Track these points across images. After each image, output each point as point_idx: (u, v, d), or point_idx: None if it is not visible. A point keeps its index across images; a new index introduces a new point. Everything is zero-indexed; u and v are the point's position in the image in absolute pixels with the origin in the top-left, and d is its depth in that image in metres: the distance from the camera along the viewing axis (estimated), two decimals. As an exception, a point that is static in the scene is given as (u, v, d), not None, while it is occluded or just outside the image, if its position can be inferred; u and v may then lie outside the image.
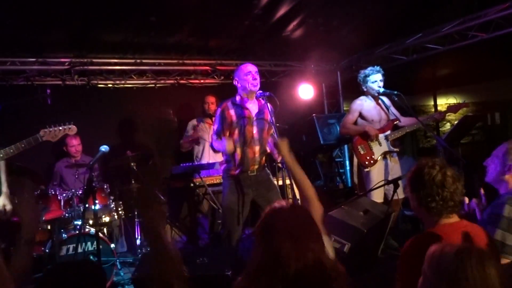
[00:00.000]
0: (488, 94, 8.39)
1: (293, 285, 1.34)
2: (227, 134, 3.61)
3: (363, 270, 3.17)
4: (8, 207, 3.52)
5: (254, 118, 3.62)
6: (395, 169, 4.40)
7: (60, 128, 3.42)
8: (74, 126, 3.49)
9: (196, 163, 5.31)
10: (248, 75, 3.54)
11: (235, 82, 3.67)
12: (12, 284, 1.34)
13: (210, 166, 5.08)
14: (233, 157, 3.60)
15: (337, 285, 1.36)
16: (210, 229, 5.33)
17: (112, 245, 4.11)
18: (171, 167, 4.60)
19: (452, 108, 4.58)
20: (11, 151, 3.15)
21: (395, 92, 4.26)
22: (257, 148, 3.61)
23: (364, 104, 4.49)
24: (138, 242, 4.87)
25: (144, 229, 1.61)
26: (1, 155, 3.12)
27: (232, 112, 3.60)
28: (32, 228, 3.51)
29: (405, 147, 6.89)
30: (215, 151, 3.71)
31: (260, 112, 3.65)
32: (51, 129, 3.38)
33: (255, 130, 3.62)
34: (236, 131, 3.58)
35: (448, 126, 8.70)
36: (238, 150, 3.58)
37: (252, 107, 3.65)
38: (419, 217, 1.99)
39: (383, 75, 4.45)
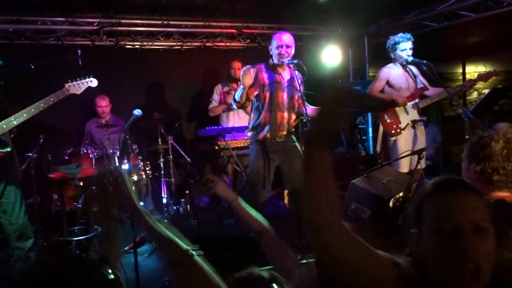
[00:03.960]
0: (519, 63, 8.15)
1: None
2: (254, 93, 3.64)
3: (383, 237, 3.26)
4: None
5: (286, 84, 3.66)
6: (421, 139, 4.38)
7: (83, 81, 3.57)
8: (95, 79, 3.63)
9: (221, 126, 5.41)
10: (279, 48, 3.56)
11: (269, 49, 3.70)
12: None
13: (235, 129, 5.17)
14: (260, 121, 3.66)
15: None
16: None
17: (141, 203, 4.29)
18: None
19: (482, 77, 4.50)
20: (42, 105, 3.27)
21: (424, 62, 4.17)
22: (285, 114, 3.66)
23: (392, 72, 4.43)
24: (164, 201, 5.07)
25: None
26: (33, 110, 3.24)
27: (265, 75, 3.65)
28: None
29: (430, 116, 6.81)
30: (234, 102, 3.69)
31: (292, 79, 3.68)
32: (74, 83, 3.54)
33: (285, 96, 3.67)
34: (267, 95, 3.63)
35: (475, 95, 8.52)
36: (267, 114, 3.64)
37: (284, 73, 3.69)
38: None
39: (413, 42, 4.37)
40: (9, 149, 3.13)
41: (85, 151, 4.43)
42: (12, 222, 3.15)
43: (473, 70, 8.40)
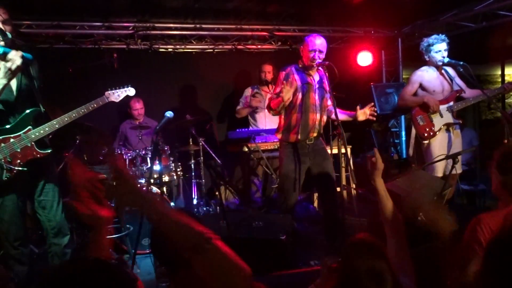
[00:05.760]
0: None
1: None
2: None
3: (416, 243, 3.19)
4: None
5: (316, 86, 3.64)
6: (457, 143, 4.25)
7: (122, 90, 3.68)
8: (133, 88, 3.74)
9: (251, 129, 5.43)
10: (312, 52, 3.54)
11: (300, 49, 3.70)
12: None
13: (265, 132, 5.18)
14: (292, 123, 3.66)
15: None
16: (262, 193, 5.50)
17: (172, 203, 4.37)
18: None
19: None
20: (83, 110, 3.38)
21: (461, 63, 4.05)
22: (317, 115, 3.65)
23: (425, 75, 4.32)
24: (194, 201, 5.13)
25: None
26: (74, 114, 3.35)
27: (296, 76, 3.63)
28: None
29: (466, 119, 6.61)
30: (270, 110, 3.69)
31: (321, 80, 3.66)
32: (114, 91, 3.65)
33: (316, 97, 3.65)
34: (299, 96, 3.62)
35: (515, 97, 8.22)
36: (299, 116, 3.63)
37: (315, 75, 3.68)
38: (498, 196, 1.95)
39: (448, 44, 4.25)
40: (50, 150, 3.25)
41: (119, 152, 4.54)
42: (50, 219, 3.26)
43: (513, 72, 8.10)
